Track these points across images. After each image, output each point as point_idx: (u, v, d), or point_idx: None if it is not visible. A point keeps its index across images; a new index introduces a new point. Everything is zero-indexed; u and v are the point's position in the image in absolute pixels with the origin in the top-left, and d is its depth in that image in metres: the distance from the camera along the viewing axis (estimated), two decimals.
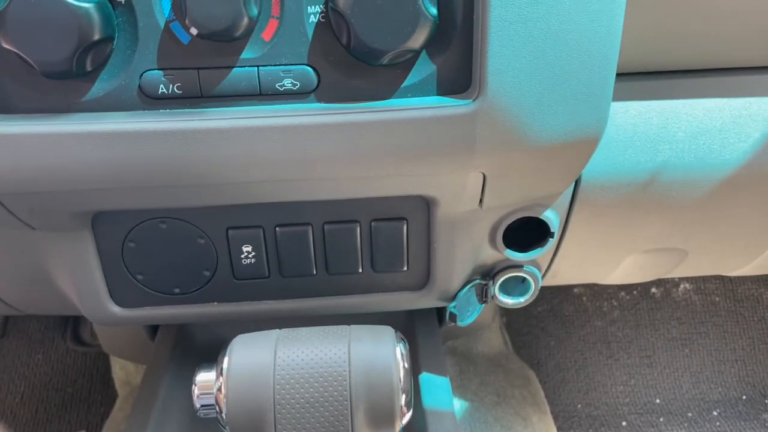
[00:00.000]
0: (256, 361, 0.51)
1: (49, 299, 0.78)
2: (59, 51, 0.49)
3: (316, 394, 0.49)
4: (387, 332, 0.54)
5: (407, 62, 0.53)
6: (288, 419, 0.48)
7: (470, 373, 1.11)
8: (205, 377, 0.54)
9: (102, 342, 1.15)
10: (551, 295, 1.53)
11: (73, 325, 1.50)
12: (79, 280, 0.70)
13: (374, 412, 0.50)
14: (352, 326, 0.54)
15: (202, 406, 0.54)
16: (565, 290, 1.54)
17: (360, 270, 0.72)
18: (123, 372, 1.26)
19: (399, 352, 0.53)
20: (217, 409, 0.51)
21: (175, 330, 0.94)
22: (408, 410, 0.52)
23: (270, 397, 0.49)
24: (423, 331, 0.93)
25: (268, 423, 0.49)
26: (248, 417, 0.50)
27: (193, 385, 0.54)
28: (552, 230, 0.71)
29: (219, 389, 0.51)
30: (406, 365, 0.52)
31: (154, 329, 0.99)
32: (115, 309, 0.72)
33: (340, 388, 0.49)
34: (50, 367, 1.46)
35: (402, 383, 0.51)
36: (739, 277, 1.56)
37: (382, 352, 0.51)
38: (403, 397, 0.51)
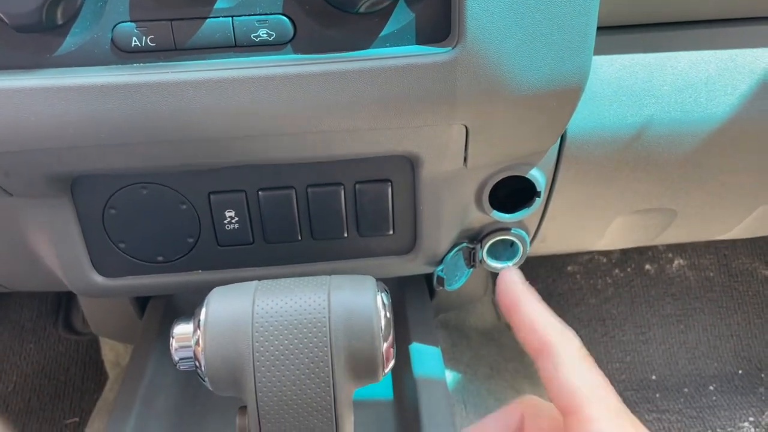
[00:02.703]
0: (234, 310, 0.50)
1: (33, 273, 0.77)
2: (28, 2, 0.48)
3: (296, 341, 0.48)
4: (368, 281, 0.53)
5: (385, 10, 0.53)
6: (267, 367, 0.47)
7: (463, 346, 1.10)
8: (182, 329, 0.53)
9: (91, 323, 1.14)
10: (545, 273, 1.53)
11: (64, 313, 1.49)
12: (60, 248, 0.69)
13: (355, 360, 0.49)
14: (333, 276, 0.54)
15: (180, 359, 0.53)
16: (559, 268, 1.53)
17: (345, 234, 0.71)
18: (113, 353, 1.25)
19: (380, 300, 0.52)
20: (196, 363, 0.51)
21: (162, 307, 0.94)
22: (390, 360, 0.51)
23: (248, 346, 0.48)
24: (413, 302, 0.93)
25: (248, 372, 0.48)
26: (227, 367, 0.49)
27: (171, 338, 0.53)
28: (538, 189, 0.70)
29: (197, 342, 0.50)
30: (388, 314, 0.51)
31: (142, 307, 0.99)
32: (98, 278, 0.71)
33: (319, 334, 0.48)
34: (42, 356, 1.45)
35: (383, 331, 0.50)
36: (733, 252, 1.55)
37: (363, 300, 0.50)
38: (385, 345, 0.50)
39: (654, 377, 1.46)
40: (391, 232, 0.71)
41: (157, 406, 0.82)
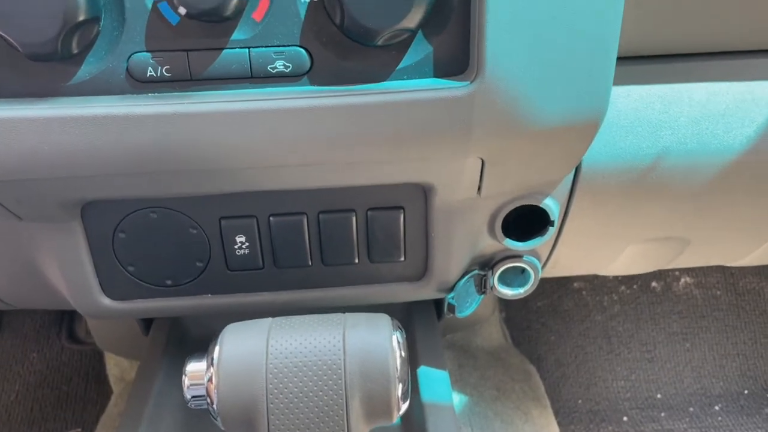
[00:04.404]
0: (248, 350, 0.49)
1: (40, 293, 0.77)
2: (44, 32, 0.47)
3: (310, 383, 0.48)
4: (383, 320, 0.52)
5: (403, 43, 0.52)
6: (281, 409, 0.47)
7: (469, 367, 1.09)
8: (195, 367, 0.52)
9: (96, 338, 1.14)
10: (551, 289, 1.52)
11: (68, 322, 1.49)
12: (69, 272, 0.68)
13: (370, 402, 0.49)
14: (348, 314, 0.53)
15: (192, 397, 0.52)
16: (564, 285, 1.53)
17: (356, 261, 0.71)
18: (117, 368, 1.24)
19: (396, 339, 0.51)
20: (208, 400, 0.50)
21: (168, 324, 0.93)
22: (405, 401, 0.50)
23: (262, 386, 0.47)
24: (421, 324, 0.92)
25: (261, 413, 0.47)
26: (240, 407, 0.48)
27: (183, 376, 0.53)
28: (552, 219, 0.69)
29: (210, 380, 0.49)
30: (403, 354, 0.51)
31: (147, 324, 0.98)
32: (107, 301, 0.71)
33: (334, 377, 0.48)
34: (45, 366, 1.45)
35: (399, 372, 0.49)
36: (740, 271, 1.55)
37: (378, 340, 0.50)
38: (400, 386, 0.49)
39: (659, 396, 1.45)
40: (402, 258, 0.71)
41: (163, 425, 0.82)
